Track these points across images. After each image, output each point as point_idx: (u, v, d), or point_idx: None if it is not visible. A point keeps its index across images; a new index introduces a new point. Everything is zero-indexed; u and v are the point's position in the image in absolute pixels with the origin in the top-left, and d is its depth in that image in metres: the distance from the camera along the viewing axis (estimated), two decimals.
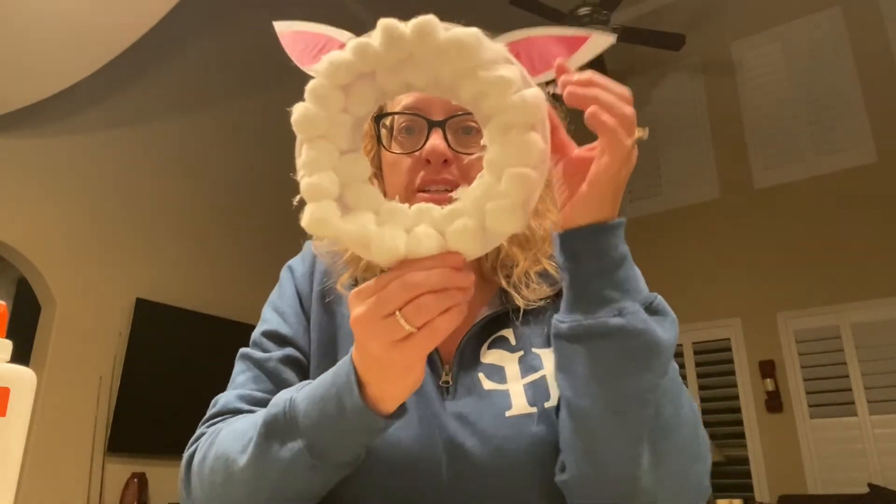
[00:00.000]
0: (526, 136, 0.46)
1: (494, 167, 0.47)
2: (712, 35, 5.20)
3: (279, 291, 0.76)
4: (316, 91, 0.49)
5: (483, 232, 0.46)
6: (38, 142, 3.42)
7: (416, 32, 0.48)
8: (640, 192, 5.28)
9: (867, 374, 4.03)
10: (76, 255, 3.47)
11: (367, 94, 0.50)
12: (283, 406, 0.56)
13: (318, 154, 0.49)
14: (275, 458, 0.55)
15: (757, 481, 4.21)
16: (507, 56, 0.49)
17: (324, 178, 0.48)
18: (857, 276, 4.19)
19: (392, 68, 0.49)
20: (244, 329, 3.89)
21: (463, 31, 0.48)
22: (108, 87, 3.71)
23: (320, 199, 0.48)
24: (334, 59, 0.49)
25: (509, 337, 0.68)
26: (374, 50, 0.49)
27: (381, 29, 0.49)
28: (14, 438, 0.51)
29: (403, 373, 0.50)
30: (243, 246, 4.33)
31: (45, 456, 3.08)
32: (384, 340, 0.46)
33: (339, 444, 0.54)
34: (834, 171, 4.49)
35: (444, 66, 0.48)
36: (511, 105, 0.47)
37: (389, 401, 0.52)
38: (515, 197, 0.46)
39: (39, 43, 2.95)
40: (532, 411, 0.62)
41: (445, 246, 0.46)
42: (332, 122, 0.49)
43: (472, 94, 0.49)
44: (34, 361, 3.24)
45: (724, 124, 5.02)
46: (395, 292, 0.45)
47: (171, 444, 3.64)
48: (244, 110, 4.50)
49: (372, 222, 0.47)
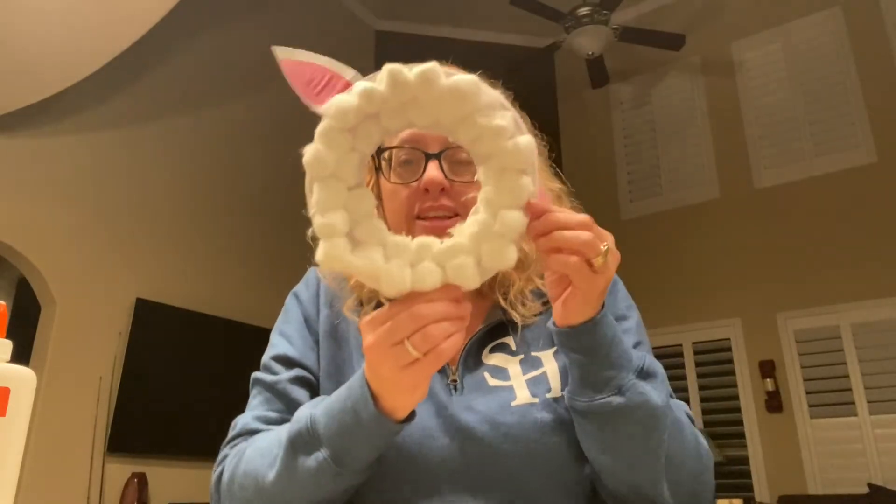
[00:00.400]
0: (518, 180, 0.53)
1: (489, 206, 0.53)
2: (712, 35, 5.20)
3: (285, 317, 0.82)
4: (326, 134, 0.53)
5: (479, 267, 0.53)
6: (38, 142, 3.42)
7: (420, 79, 0.52)
8: (640, 192, 5.28)
9: (867, 374, 4.03)
10: (76, 255, 3.47)
11: (372, 133, 0.55)
12: (306, 421, 0.61)
13: (328, 193, 0.53)
14: (302, 468, 0.60)
15: (757, 481, 4.21)
16: (502, 102, 0.55)
17: (334, 217, 0.53)
18: (857, 276, 4.19)
19: (396, 110, 0.54)
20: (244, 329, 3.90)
21: (463, 79, 0.52)
22: (108, 87, 3.71)
23: (332, 236, 0.53)
24: (342, 103, 0.53)
25: (510, 343, 0.74)
26: (379, 94, 0.53)
27: (387, 74, 0.52)
28: (14, 438, 0.51)
29: (411, 390, 0.56)
30: (244, 246, 4.33)
31: (45, 456, 3.08)
32: (394, 365, 0.53)
33: (358, 450, 0.60)
34: (834, 171, 4.49)
35: (445, 110, 0.53)
36: (505, 151, 0.53)
37: (400, 410, 0.58)
38: (508, 237, 0.53)
39: (39, 43, 2.95)
40: (535, 401, 0.68)
41: (446, 279, 0.52)
42: (340, 162, 0.54)
43: (470, 138, 0.54)
44: (34, 361, 3.23)
45: (724, 124, 5.02)
46: (404, 323, 0.51)
47: (171, 444, 3.65)
48: (245, 110, 4.50)
49: (380, 257, 0.53)
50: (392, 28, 5.67)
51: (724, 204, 4.87)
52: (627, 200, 5.30)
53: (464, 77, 0.52)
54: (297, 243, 0.81)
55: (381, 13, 5.64)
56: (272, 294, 4.56)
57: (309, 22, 5.04)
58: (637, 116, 5.52)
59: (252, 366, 0.81)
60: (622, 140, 5.50)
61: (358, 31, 5.51)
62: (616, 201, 5.32)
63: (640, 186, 5.32)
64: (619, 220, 5.22)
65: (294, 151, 0.52)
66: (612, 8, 4.24)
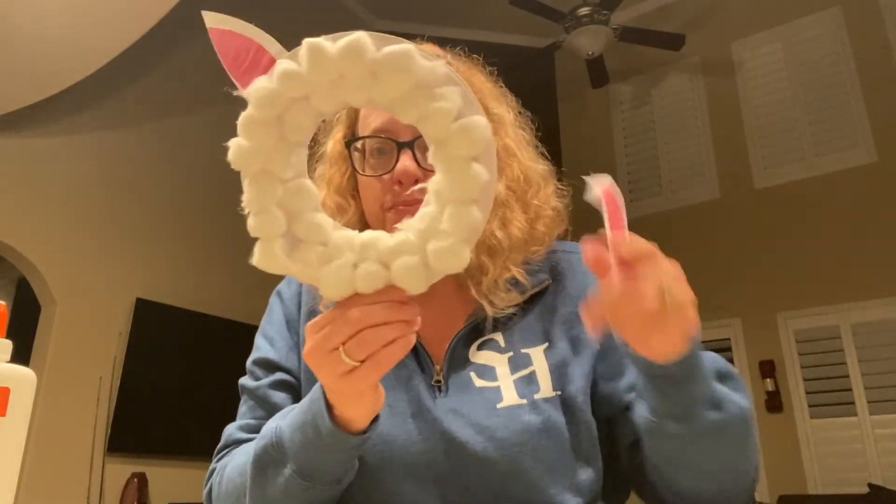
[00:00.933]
0: (468, 169, 0.45)
1: (438, 197, 0.47)
2: (712, 35, 5.20)
3: (268, 317, 0.80)
4: (247, 125, 0.48)
5: (426, 268, 0.47)
6: (38, 142, 3.42)
7: (343, 53, 0.45)
8: (641, 192, 5.28)
9: (867, 374, 4.03)
10: (76, 255, 3.47)
11: (301, 119, 0.48)
12: (271, 436, 0.59)
13: (259, 190, 0.48)
14: (271, 485, 0.58)
15: None
16: (447, 73, 0.46)
17: (268, 217, 0.48)
18: (857, 276, 4.19)
19: (325, 90, 0.47)
20: (244, 329, 3.92)
21: (394, 51, 0.45)
22: (108, 87, 3.71)
23: (267, 238, 0.48)
24: (262, 90, 0.47)
25: (498, 340, 0.69)
26: (301, 75, 0.46)
27: (306, 52, 0.46)
28: (14, 438, 0.51)
29: (356, 399, 0.53)
30: (244, 246, 4.30)
31: (45, 456, 3.08)
32: (330, 373, 0.49)
33: (323, 464, 0.57)
34: (834, 171, 4.49)
35: (379, 87, 0.46)
36: (451, 134, 0.45)
37: (356, 421, 0.55)
38: (457, 235, 0.46)
39: (39, 43, 2.95)
40: (523, 402, 0.64)
41: (390, 279, 0.47)
42: (269, 154, 0.48)
43: (413, 118, 0.47)
44: (34, 361, 3.24)
45: (724, 124, 5.02)
46: (337, 328, 0.47)
47: (171, 444, 3.65)
48: (244, 110, 4.49)
49: (320, 259, 0.48)
50: (392, 28, 5.67)
51: (724, 204, 4.87)
52: (627, 200, 5.24)
53: (395, 48, 0.45)
54: None
55: (380, 13, 5.64)
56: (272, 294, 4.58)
57: (308, 22, 5.04)
58: (637, 116, 5.51)
59: None
60: (622, 140, 5.50)
61: (358, 30, 5.50)
62: None
63: (640, 186, 5.31)
64: None
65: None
66: (612, 8, 4.23)
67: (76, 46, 3.10)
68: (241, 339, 4.15)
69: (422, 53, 0.46)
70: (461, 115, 0.46)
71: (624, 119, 5.56)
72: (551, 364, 0.68)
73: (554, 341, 0.70)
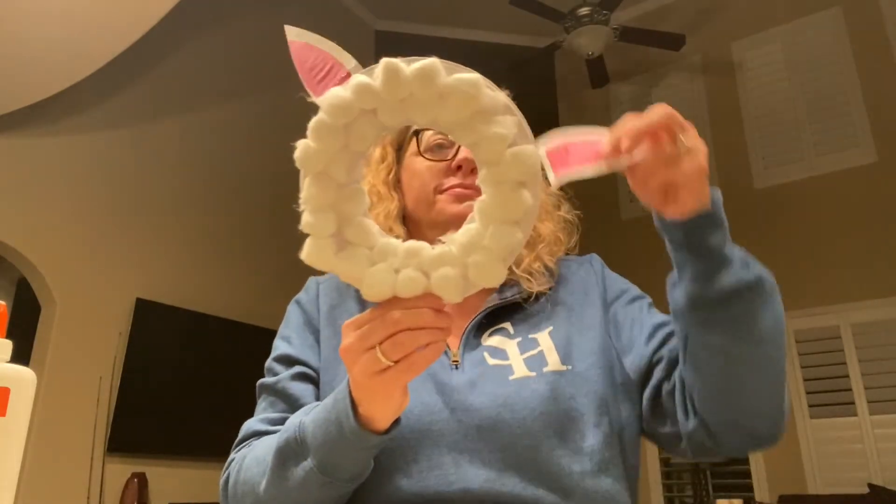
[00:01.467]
0: (515, 193, 0.50)
1: (483, 216, 0.51)
2: (712, 35, 5.20)
3: (286, 322, 0.83)
4: (318, 129, 0.52)
5: (464, 280, 0.51)
6: (38, 142, 3.42)
7: (417, 76, 0.49)
8: None
9: (867, 374, 4.03)
10: (76, 255, 3.47)
11: (367, 130, 0.52)
12: (294, 431, 0.62)
13: (317, 190, 0.52)
14: (290, 478, 0.61)
15: (757, 481, 4.21)
16: (507, 104, 0.51)
17: (322, 217, 0.52)
18: (857, 276, 4.19)
19: (393, 107, 0.51)
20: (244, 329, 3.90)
21: (463, 79, 0.50)
22: (108, 87, 3.71)
23: (318, 236, 0.52)
24: (336, 98, 0.51)
25: (508, 328, 0.76)
26: (375, 90, 0.50)
27: (383, 69, 0.50)
28: (14, 438, 0.51)
29: (384, 398, 0.55)
30: (244, 246, 4.33)
31: (45, 456, 3.08)
32: (364, 370, 0.52)
33: (343, 460, 0.60)
34: (834, 171, 4.49)
35: (444, 110, 0.50)
36: (504, 160, 0.50)
37: (379, 421, 0.57)
38: (497, 252, 0.50)
39: (39, 43, 2.95)
40: (532, 374, 0.70)
41: (429, 287, 0.50)
42: (331, 158, 0.52)
43: (469, 142, 0.51)
44: (34, 361, 3.23)
45: (724, 124, 5.02)
46: (375, 327, 0.51)
47: (171, 444, 3.65)
48: (243, 110, 4.50)
49: (365, 260, 0.52)
50: (392, 28, 5.67)
51: (724, 204, 4.85)
52: (627, 200, 5.29)
53: (465, 76, 0.50)
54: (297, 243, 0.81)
55: (380, 13, 5.64)
56: (272, 294, 4.55)
57: (308, 22, 5.01)
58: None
59: (252, 365, 0.81)
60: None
61: (358, 31, 5.50)
62: (616, 201, 5.32)
63: None
64: (619, 220, 5.21)
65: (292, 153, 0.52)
66: (612, 8, 4.23)
67: (76, 47, 3.10)
68: (241, 338, 4.16)
69: (486, 83, 0.51)
70: (515, 142, 0.50)
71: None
72: (557, 343, 0.73)
73: (558, 324, 0.76)
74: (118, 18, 3.08)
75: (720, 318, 0.61)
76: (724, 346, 0.62)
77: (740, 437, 0.67)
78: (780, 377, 0.65)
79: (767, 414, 0.66)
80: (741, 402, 0.64)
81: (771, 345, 0.63)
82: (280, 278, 4.45)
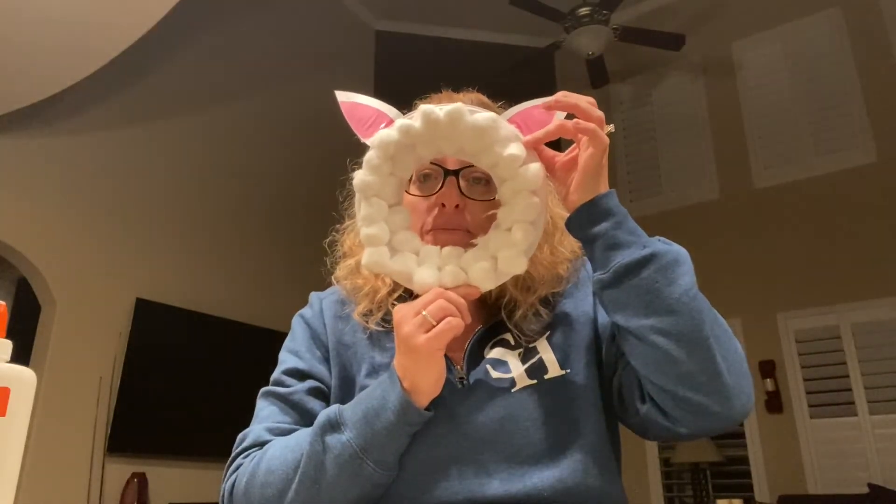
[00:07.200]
0: (530, 199, 0.68)
1: (507, 220, 0.68)
2: (712, 35, 5.20)
3: (292, 336, 0.86)
4: (371, 161, 0.69)
5: (495, 271, 0.68)
6: (38, 142, 3.42)
7: (448, 118, 0.66)
8: (640, 192, 5.28)
9: (867, 374, 4.03)
10: (76, 255, 3.47)
11: (408, 160, 0.70)
12: (334, 412, 0.68)
13: (373, 210, 0.69)
14: (326, 448, 0.66)
15: (757, 481, 4.21)
16: (517, 134, 0.69)
17: (377, 229, 0.68)
18: (857, 276, 4.19)
19: (428, 141, 0.68)
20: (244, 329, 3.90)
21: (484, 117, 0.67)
22: (108, 87, 3.71)
23: (375, 245, 0.68)
24: (385, 137, 0.68)
25: (508, 338, 0.79)
26: (415, 129, 0.68)
27: (421, 115, 0.67)
28: (14, 438, 0.51)
29: (428, 361, 0.65)
30: (244, 246, 4.33)
31: (45, 456, 3.08)
32: (416, 331, 0.64)
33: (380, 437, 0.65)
34: (834, 171, 4.49)
35: (469, 141, 0.67)
36: (519, 175, 0.67)
37: (422, 394, 0.66)
38: (522, 244, 0.67)
39: (39, 43, 2.95)
40: (533, 383, 0.73)
41: (466, 280, 0.68)
42: (382, 184, 0.69)
43: (489, 163, 0.68)
44: (34, 361, 3.23)
45: (724, 124, 5.02)
46: (424, 299, 0.66)
47: (171, 444, 3.65)
48: (243, 110, 4.49)
49: (413, 262, 0.69)
50: (392, 28, 5.67)
51: (724, 204, 4.87)
52: (627, 200, 5.29)
53: (485, 115, 0.67)
54: (297, 244, 0.82)
55: (380, 13, 5.64)
56: (272, 294, 4.53)
57: (309, 21, 5.04)
58: (637, 116, 5.51)
59: (252, 365, 0.81)
60: (622, 140, 5.50)
61: (358, 30, 5.50)
62: None
63: (640, 186, 5.31)
64: None
65: (294, 152, 0.52)
66: (612, 8, 4.23)
67: (76, 46, 3.10)
68: (240, 339, 4.16)
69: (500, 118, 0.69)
70: (525, 162, 0.67)
71: (624, 119, 5.56)
72: (555, 347, 0.77)
73: (556, 328, 0.80)
74: (118, 18, 3.07)
75: (625, 295, 0.67)
76: (638, 321, 0.66)
77: (692, 413, 0.67)
78: (706, 348, 0.65)
79: (708, 387, 0.66)
80: (673, 373, 0.66)
81: (684, 315, 0.65)
82: (280, 279, 4.46)
